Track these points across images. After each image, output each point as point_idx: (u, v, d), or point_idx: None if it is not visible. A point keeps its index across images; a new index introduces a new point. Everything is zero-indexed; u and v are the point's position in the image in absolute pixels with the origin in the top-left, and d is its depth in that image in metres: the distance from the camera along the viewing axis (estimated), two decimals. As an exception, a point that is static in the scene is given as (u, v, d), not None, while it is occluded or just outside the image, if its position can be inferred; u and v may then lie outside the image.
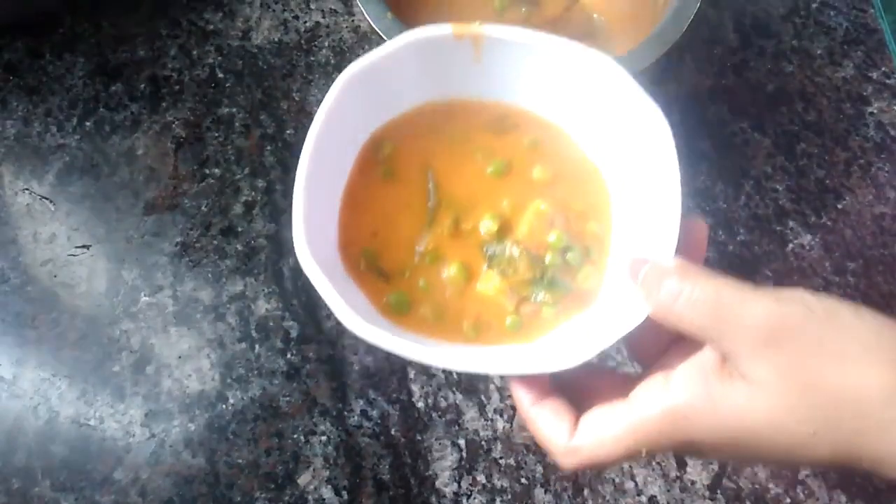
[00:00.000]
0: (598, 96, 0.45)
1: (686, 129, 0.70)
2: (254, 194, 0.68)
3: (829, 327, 0.35)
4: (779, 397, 0.34)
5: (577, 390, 0.41)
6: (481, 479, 0.60)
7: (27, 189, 0.69)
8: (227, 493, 0.59)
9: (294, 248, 0.40)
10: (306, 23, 0.75)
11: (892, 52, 0.74)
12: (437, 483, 0.60)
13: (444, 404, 0.62)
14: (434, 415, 0.61)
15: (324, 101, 0.43)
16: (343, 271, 0.44)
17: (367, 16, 0.59)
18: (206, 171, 0.69)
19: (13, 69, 0.73)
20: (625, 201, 0.46)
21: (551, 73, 0.46)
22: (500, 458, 0.60)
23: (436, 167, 0.48)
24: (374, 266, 0.45)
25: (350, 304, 0.40)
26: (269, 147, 0.70)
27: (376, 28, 0.58)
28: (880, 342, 0.34)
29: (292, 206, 0.41)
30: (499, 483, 0.60)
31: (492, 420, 0.61)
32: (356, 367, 0.63)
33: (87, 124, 0.71)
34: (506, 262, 0.45)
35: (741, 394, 0.35)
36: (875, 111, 0.72)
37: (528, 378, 0.41)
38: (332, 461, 0.60)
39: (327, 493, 0.59)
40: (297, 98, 0.72)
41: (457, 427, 0.61)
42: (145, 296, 0.65)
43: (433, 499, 0.59)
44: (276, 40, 0.75)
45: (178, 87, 0.72)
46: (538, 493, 0.59)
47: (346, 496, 0.59)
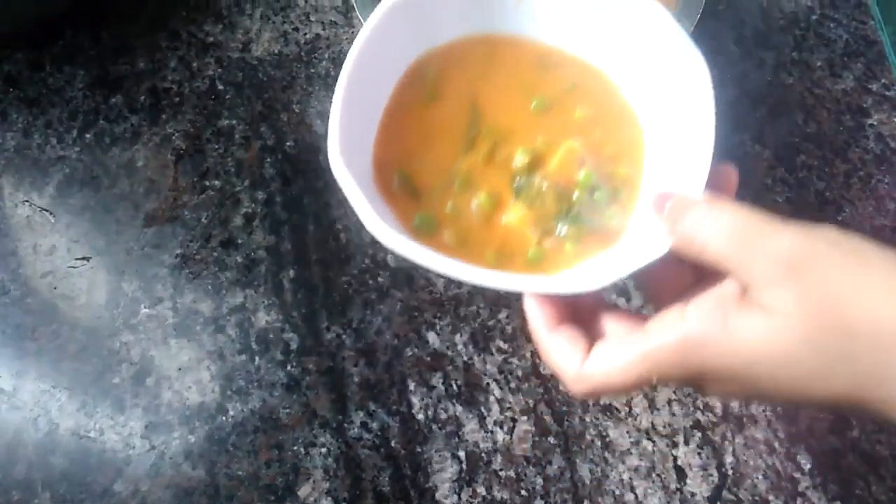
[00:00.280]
0: (639, 39, 0.46)
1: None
2: (254, 206, 0.68)
3: (854, 262, 0.34)
4: (796, 328, 0.34)
5: (594, 325, 0.42)
6: (481, 491, 0.60)
7: (27, 201, 0.69)
8: (227, 506, 0.59)
9: (330, 165, 0.42)
10: (306, 35, 0.75)
11: (891, 63, 0.74)
12: (437, 495, 0.59)
13: (444, 416, 0.62)
14: (434, 427, 0.61)
15: (366, 22, 0.45)
16: (375, 190, 0.45)
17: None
18: (206, 183, 0.69)
19: (13, 81, 0.73)
20: (658, 148, 0.47)
21: (593, 16, 0.47)
22: (500, 470, 0.60)
23: (480, 96, 0.49)
24: (406, 184, 0.47)
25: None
26: (269, 159, 0.70)
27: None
28: None
29: (329, 121, 0.43)
30: (499, 495, 0.59)
31: (492, 432, 0.61)
32: (356, 379, 0.63)
33: (88, 136, 0.71)
34: (533, 195, 0.46)
35: (758, 324, 0.35)
36: (875, 123, 0.72)
37: (546, 304, 0.41)
38: (332, 473, 0.60)
39: (327, 505, 0.59)
40: (297, 110, 0.72)
41: (457, 439, 0.61)
42: (145, 308, 0.65)
43: (433, 511, 0.59)
44: (277, 52, 0.75)
45: (178, 99, 0.72)
46: (538, 505, 0.59)
47: (345, 509, 0.59)
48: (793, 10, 0.76)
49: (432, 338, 0.64)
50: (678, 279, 0.41)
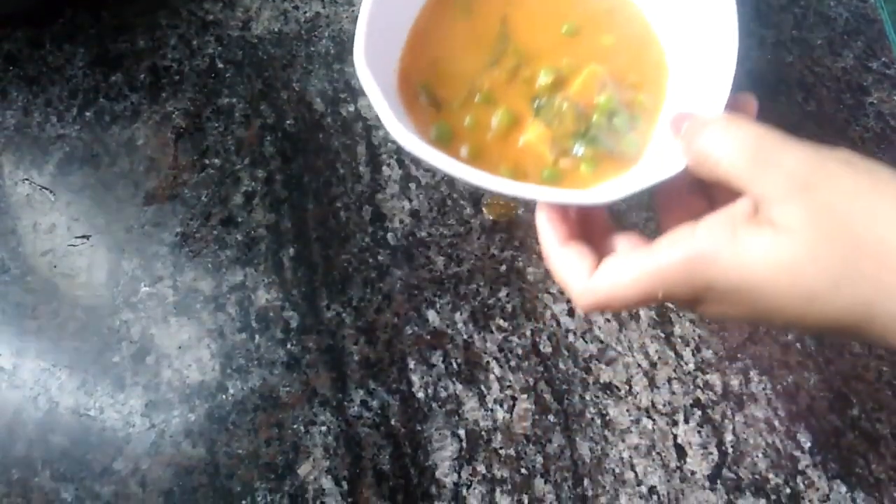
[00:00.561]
0: None
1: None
2: (254, 184, 0.68)
3: (867, 181, 0.34)
4: (805, 244, 0.34)
5: (604, 244, 0.42)
6: (481, 469, 0.60)
7: (27, 179, 0.68)
8: (227, 484, 0.59)
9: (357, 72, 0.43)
10: (306, 13, 0.75)
11: (891, 42, 0.74)
12: (437, 473, 0.60)
13: (443, 394, 0.62)
14: (434, 405, 0.61)
15: None
16: (398, 101, 0.46)
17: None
18: (206, 162, 0.69)
19: (13, 59, 0.73)
20: (680, 78, 0.47)
21: None
22: (500, 448, 0.60)
23: (511, 17, 0.50)
24: (429, 94, 0.48)
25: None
26: (268, 137, 0.70)
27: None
28: None
29: (356, 29, 0.44)
30: (499, 473, 0.60)
31: (492, 410, 0.61)
32: (356, 358, 0.63)
33: (87, 114, 0.71)
34: (553, 114, 0.47)
35: (767, 239, 0.35)
36: (875, 101, 0.72)
37: (558, 221, 0.42)
38: (331, 451, 0.60)
39: (327, 483, 0.59)
40: (296, 88, 0.72)
41: (457, 417, 0.61)
42: (145, 286, 0.65)
43: (433, 489, 0.59)
44: (276, 30, 0.74)
45: (178, 78, 0.72)
46: (538, 483, 0.59)
47: (345, 486, 0.59)
48: (795, -11, 0.76)
49: (432, 316, 0.64)
50: (691, 209, 0.41)
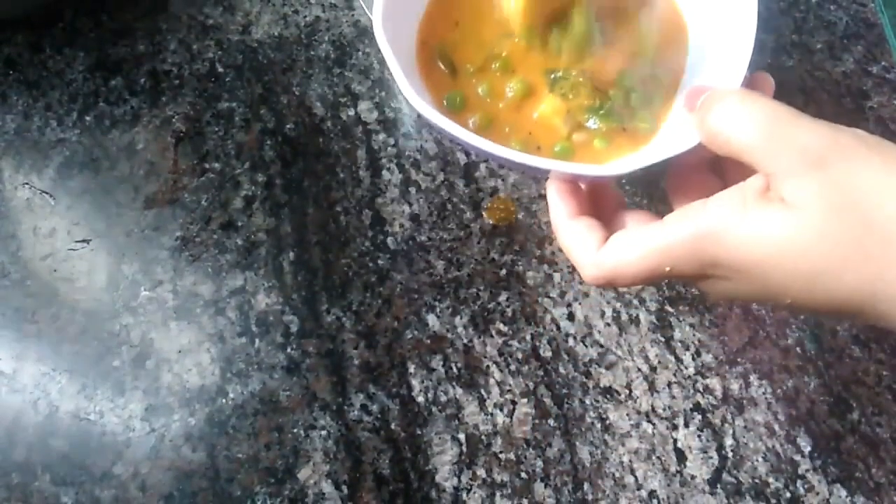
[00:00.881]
0: None
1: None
2: (254, 189, 0.68)
3: (879, 160, 0.34)
4: (814, 221, 0.34)
5: (614, 220, 0.42)
6: (481, 473, 0.60)
7: (27, 183, 0.68)
8: (227, 488, 0.59)
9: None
10: (306, 17, 0.75)
11: (891, 46, 0.74)
12: (437, 477, 0.60)
13: (444, 399, 0.62)
14: (434, 409, 0.61)
15: None
16: (414, 65, 0.47)
17: (366, 10, 0.59)
18: (206, 166, 0.69)
19: (13, 64, 0.73)
20: (699, 58, 0.47)
21: None
22: (500, 452, 0.60)
23: None
24: (445, 59, 0.48)
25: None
26: (268, 141, 0.70)
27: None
28: None
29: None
30: (499, 477, 0.60)
31: (492, 414, 0.61)
32: (356, 362, 0.63)
33: (87, 119, 0.71)
34: (569, 87, 0.47)
35: (777, 215, 0.35)
36: (875, 105, 0.72)
37: (568, 196, 0.42)
38: (331, 456, 0.60)
39: (327, 487, 0.59)
40: (297, 92, 0.72)
41: (457, 422, 0.61)
42: (145, 290, 0.65)
43: (433, 493, 0.59)
44: (276, 35, 0.74)
45: (177, 82, 0.72)
46: (538, 487, 0.59)
47: (345, 490, 0.59)
48: (794, -7, 0.76)
49: (432, 320, 0.64)
50: (704, 190, 0.41)
